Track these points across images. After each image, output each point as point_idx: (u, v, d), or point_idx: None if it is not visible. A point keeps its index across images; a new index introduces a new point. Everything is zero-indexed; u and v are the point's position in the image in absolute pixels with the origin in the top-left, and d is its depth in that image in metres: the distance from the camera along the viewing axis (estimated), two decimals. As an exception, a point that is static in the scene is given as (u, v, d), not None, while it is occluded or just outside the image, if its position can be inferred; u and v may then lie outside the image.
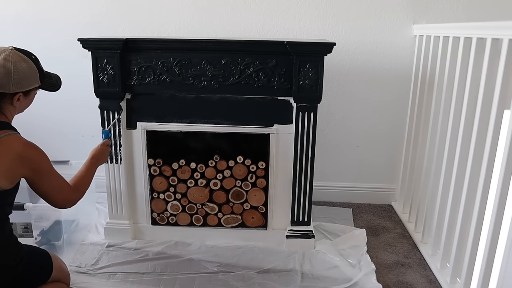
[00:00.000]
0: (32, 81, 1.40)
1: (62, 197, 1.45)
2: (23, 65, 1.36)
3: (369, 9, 2.33)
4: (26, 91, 1.38)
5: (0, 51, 1.35)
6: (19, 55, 1.37)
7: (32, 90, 1.42)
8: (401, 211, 2.45)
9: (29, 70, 1.38)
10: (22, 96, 1.39)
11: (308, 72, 1.84)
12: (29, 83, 1.38)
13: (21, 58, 1.37)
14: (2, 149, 1.30)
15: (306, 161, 1.96)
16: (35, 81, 1.41)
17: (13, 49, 1.38)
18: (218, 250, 2.02)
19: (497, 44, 1.47)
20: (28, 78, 1.38)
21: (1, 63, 1.32)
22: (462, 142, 1.70)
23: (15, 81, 1.33)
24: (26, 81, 1.37)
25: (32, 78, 1.39)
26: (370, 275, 1.83)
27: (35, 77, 1.40)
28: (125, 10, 2.43)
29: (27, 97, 1.42)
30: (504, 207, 1.41)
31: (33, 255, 1.51)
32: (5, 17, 2.50)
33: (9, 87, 1.33)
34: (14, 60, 1.34)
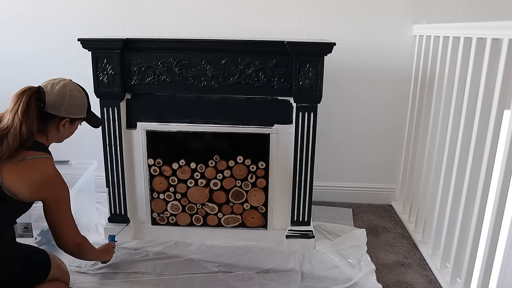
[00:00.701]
0: (80, 111, 1.53)
1: (68, 234, 1.52)
2: (77, 94, 1.51)
3: (369, 9, 2.33)
4: (72, 118, 1.51)
5: (60, 79, 1.50)
6: (75, 85, 1.53)
7: (77, 119, 1.54)
8: (401, 211, 2.45)
9: (81, 100, 1.53)
10: (68, 123, 1.50)
11: (308, 72, 1.84)
12: (78, 112, 1.52)
13: (77, 88, 1.53)
14: (36, 167, 1.39)
15: (306, 161, 1.96)
16: (83, 111, 1.54)
17: (71, 80, 1.54)
18: (218, 250, 2.02)
19: (497, 44, 1.47)
20: (79, 107, 1.52)
21: (60, 87, 1.46)
22: (462, 142, 1.70)
23: (67, 106, 1.46)
24: (76, 109, 1.50)
25: (81, 108, 1.53)
26: (370, 275, 1.83)
27: (84, 108, 1.55)
28: (125, 10, 2.43)
29: (71, 126, 1.54)
30: (504, 207, 1.41)
31: (31, 253, 1.52)
32: (5, 17, 2.50)
33: (60, 111, 1.46)
34: (71, 88, 1.49)
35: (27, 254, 1.50)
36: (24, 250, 1.50)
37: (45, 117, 1.45)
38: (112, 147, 1.98)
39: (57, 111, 1.45)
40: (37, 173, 1.39)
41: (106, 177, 2.02)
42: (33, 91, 1.43)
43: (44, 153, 1.43)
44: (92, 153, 2.43)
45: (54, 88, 1.45)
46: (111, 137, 1.97)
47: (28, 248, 1.54)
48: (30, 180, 1.38)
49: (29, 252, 1.52)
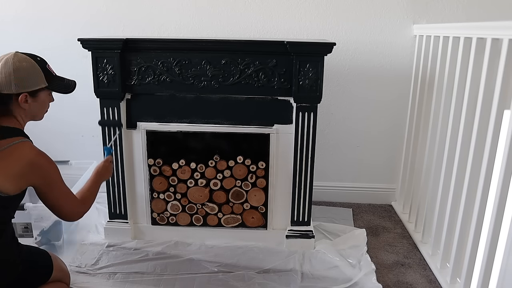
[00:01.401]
0: (35, 81, 1.38)
1: (70, 209, 1.46)
2: (24, 64, 1.36)
3: (369, 9, 2.33)
4: (31, 91, 1.38)
5: (3, 55, 1.37)
6: (21, 56, 1.37)
7: (38, 91, 1.40)
8: (401, 211, 2.45)
9: (31, 70, 1.37)
10: (29, 97, 1.38)
11: (308, 72, 1.84)
12: (32, 82, 1.37)
13: (22, 59, 1.37)
14: (14, 155, 1.31)
15: (306, 161, 1.96)
16: (39, 81, 1.39)
17: (17, 52, 1.38)
18: (218, 250, 2.02)
19: (497, 44, 1.47)
20: (31, 77, 1.37)
21: (2, 65, 1.34)
22: (462, 142, 1.70)
23: (16, 80, 1.34)
24: (29, 80, 1.37)
25: (35, 78, 1.38)
26: (370, 275, 1.83)
27: (39, 77, 1.39)
28: (125, 10, 2.43)
29: (36, 99, 1.41)
30: (504, 207, 1.41)
31: (33, 255, 1.52)
32: (5, 17, 2.50)
33: (11, 87, 1.34)
34: (14, 61, 1.35)
35: (30, 256, 1.49)
36: (26, 251, 1.49)
37: (2, 99, 1.36)
38: (112, 147, 1.98)
39: (9, 89, 1.34)
40: (16, 162, 1.31)
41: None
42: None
43: (17, 138, 1.35)
44: (92, 153, 2.44)
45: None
46: (111, 137, 1.97)
47: (30, 249, 1.53)
48: (11, 171, 1.30)
49: (32, 254, 1.51)
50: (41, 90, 1.41)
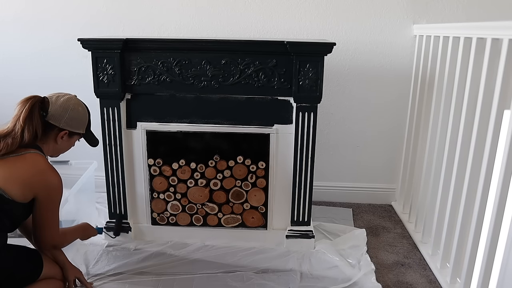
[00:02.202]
0: (80, 126, 1.58)
1: (51, 234, 1.53)
2: (80, 109, 1.57)
3: (369, 9, 2.33)
4: (71, 132, 1.55)
5: (66, 93, 1.57)
6: (79, 101, 1.59)
7: (76, 134, 1.58)
8: (401, 211, 2.45)
9: (82, 115, 1.58)
10: (67, 136, 1.54)
11: (308, 72, 1.84)
12: (77, 126, 1.56)
13: (80, 104, 1.59)
14: (27, 162, 1.42)
15: (306, 161, 1.96)
16: (82, 127, 1.59)
17: (76, 96, 1.60)
18: (218, 250, 2.02)
19: (497, 44, 1.47)
20: (79, 121, 1.57)
21: (65, 100, 1.52)
22: (462, 142, 1.70)
23: (68, 118, 1.52)
24: (77, 123, 1.55)
25: (81, 123, 1.58)
26: (370, 275, 1.83)
27: (84, 124, 1.60)
28: (125, 10, 2.43)
29: (69, 140, 1.57)
30: (504, 207, 1.41)
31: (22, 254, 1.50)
32: (5, 17, 2.50)
33: (61, 122, 1.51)
34: (74, 102, 1.55)
35: (18, 255, 1.48)
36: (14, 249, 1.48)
37: (45, 126, 1.49)
38: (112, 147, 1.98)
39: (58, 122, 1.50)
40: (29, 168, 1.41)
41: (106, 177, 2.02)
42: (38, 99, 1.48)
43: (37, 150, 1.46)
44: (92, 153, 2.43)
45: (59, 100, 1.51)
46: (111, 137, 1.97)
47: (18, 249, 1.52)
48: (21, 176, 1.39)
49: (20, 253, 1.50)
50: (77, 134, 1.60)
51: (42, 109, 1.48)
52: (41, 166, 1.44)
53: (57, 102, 1.51)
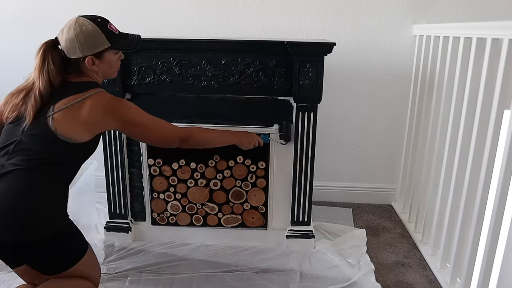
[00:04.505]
0: (97, 43, 1.41)
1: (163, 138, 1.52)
2: (84, 28, 1.39)
3: (369, 9, 2.33)
4: (96, 53, 1.42)
5: (69, 21, 1.42)
6: (82, 20, 1.41)
7: (103, 52, 1.43)
8: (401, 211, 2.45)
9: (92, 32, 1.40)
10: (96, 59, 1.42)
11: (308, 72, 1.84)
12: (95, 45, 1.41)
13: (83, 23, 1.40)
14: (87, 106, 1.36)
15: (306, 161, 1.96)
16: (101, 42, 1.42)
17: (79, 17, 1.42)
18: (218, 250, 2.02)
19: (497, 44, 1.47)
20: (92, 40, 1.40)
21: (66, 31, 1.40)
22: (462, 142, 1.70)
23: (80, 44, 1.39)
24: (91, 43, 1.40)
25: (97, 40, 1.41)
26: (369, 275, 1.83)
27: (101, 38, 1.41)
28: (125, 10, 2.43)
29: (102, 60, 1.44)
30: (504, 207, 1.41)
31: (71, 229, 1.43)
32: (5, 16, 2.50)
33: (76, 52, 1.39)
34: (75, 26, 1.39)
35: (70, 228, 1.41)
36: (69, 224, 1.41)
37: (73, 63, 1.42)
38: (112, 147, 1.98)
39: (76, 53, 1.40)
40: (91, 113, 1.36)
41: (106, 177, 2.02)
42: (48, 43, 1.41)
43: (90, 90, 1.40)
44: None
45: (63, 34, 1.40)
46: (111, 137, 1.97)
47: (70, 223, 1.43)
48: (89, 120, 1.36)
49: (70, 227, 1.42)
50: (105, 51, 1.44)
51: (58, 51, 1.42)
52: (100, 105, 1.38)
53: (62, 36, 1.40)
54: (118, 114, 1.43)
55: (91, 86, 1.43)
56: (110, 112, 1.41)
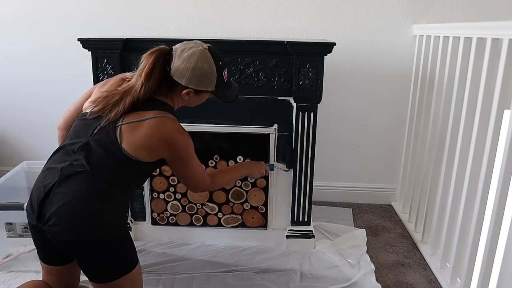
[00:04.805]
0: (206, 84, 1.39)
1: (192, 184, 1.48)
2: (205, 66, 1.36)
3: (369, 9, 2.33)
4: (197, 90, 1.39)
5: (193, 45, 1.37)
6: (206, 55, 1.37)
7: (204, 91, 1.42)
8: (401, 211, 2.45)
9: (208, 74, 1.38)
10: (192, 92, 1.39)
11: (308, 72, 1.84)
12: (202, 84, 1.38)
13: (206, 59, 1.36)
14: (152, 127, 1.31)
15: (306, 161, 1.96)
16: (209, 85, 1.40)
17: (207, 48, 1.38)
18: (218, 250, 2.02)
19: (497, 44, 1.47)
20: (204, 80, 1.38)
21: (187, 55, 1.34)
22: (462, 142, 1.70)
23: (191, 76, 1.35)
24: (200, 82, 1.38)
25: (207, 82, 1.39)
26: (369, 275, 1.83)
27: (211, 82, 1.40)
28: (125, 10, 2.43)
29: (198, 96, 1.43)
30: (504, 207, 1.41)
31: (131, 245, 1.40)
32: (5, 16, 2.50)
33: (182, 79, 1.35)
34: (200, 58, 1.35)
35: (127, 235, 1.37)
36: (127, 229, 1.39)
37: (170, 81, 1.36)
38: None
39: (180, 79, 1.35)
40: (151, 134, 1.31)
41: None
42: (162, 52, 1.35)
43: (165, 112, 1.35)
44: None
45: (183, 55, 1.34)
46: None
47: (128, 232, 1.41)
48: (145, 142, 1.31)
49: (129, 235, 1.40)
50: (206, 91, 1.42)
51: (167, 63, 1.35)
52: (163, 132, 1.33)
53: (180, 56, 1.34)
54: (176, 147, 1.36)
55: (167, 109, 1.38)
56: (169, 141, 1.34)
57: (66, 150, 1.34)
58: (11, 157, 2.71)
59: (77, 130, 1.36)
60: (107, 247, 1.30)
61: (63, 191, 1.26)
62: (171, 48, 1.37)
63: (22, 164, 2.22)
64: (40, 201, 1.27)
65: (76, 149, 1.31)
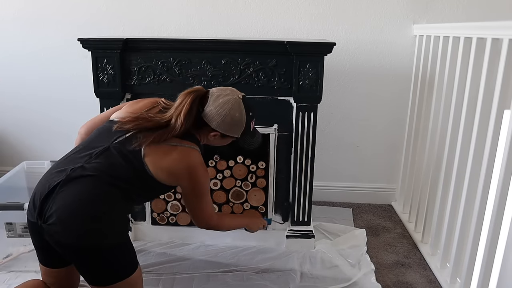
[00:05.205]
0: (233, 131, 1.46)
1: (202, 217, 1.50)
2: (237, 115, 1.43)
3: (369, 9, 2.33)
4: (223, 134, 1.46)
5: (229, 92, 1.44)
6: (240, 104, 1.44)
7: (229, 137, 1.48)
8: (401, 211, 2.45)
9: (238, 122, 1.44)
10: (219, 135, 1.46)
11: (308, 72, 1.84)
12: (230, 130, 1.45)
13: (239, 109, 1.43)
14: (178, 154, 1.36)
15: (306, 161, 1.96)
16: (236, 132, 1.47)
17: (241, 98, 1.45)
18: (218, 250, 2.02)
19: (497, 44, 1.47)
20: (233, 127, 1.45)
21: (223, 102, 1.41)
22: (462, 142, 1.70)
23: (221, 122, 1.42)
24: (229, 128, 1.44)
25: (235, 129, 1.46)
26: (369, 275, 1.83)
27: (239, 131, 1.47)
28: (125, 9, 2.43)
29: (223, 139, 1.49)
30: (504, 207, 1.41)
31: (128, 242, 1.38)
32: (5, 16, 2.50)
33: (212, 123, 1.42)
34: (233, 107, 1.42)
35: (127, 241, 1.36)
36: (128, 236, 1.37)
37: (199, 120, 1.42)
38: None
39: (210, 122, 1.42)
40: (178, 161, 1.36)
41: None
42: (200, 94, 1.42)
43: (191, 143, 1.40)
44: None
45: (217, 100, 1.41)
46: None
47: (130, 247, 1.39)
48: (169, 166, 1.35)
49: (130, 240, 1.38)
50: (231, 137, 1.49)
51: (201, 104, 1.42)
52: (189, 162, 1.37)
53: (215, 101, 1.41)
54: (196, 179, 1.40)
55: (196, 142, 1.44)
56: (191, 172, 1.38)
57: (82, 151, 1.35)
58: (11, 157, 2.72)
59: (99, 134, 1.40)
60: (107, 252, 1.29)
61: (68, 191, 1.26)
62: (208, 91, 1.44)
63: (22, 164, 2.22)
64: (43, 199, 1.26)
65: (94, 153, 1.32)
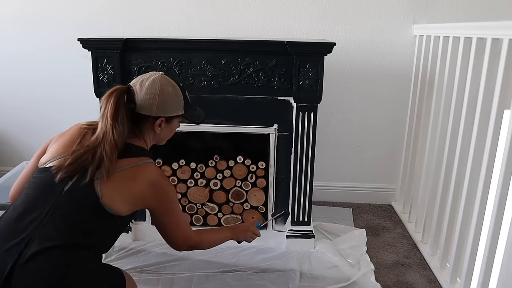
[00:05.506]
0: (175, 108, 1.34)
1: (180, 235, 1.38)
2: (170, 89, 1.31)
3: (369, 9, 2.33)
4: (168, 117, 1.33)
5: (150, 74, 1.32)
6: (166, 79, 1.32)
7: (174, 117, 1.35)
8: (401, 211, 2.45)
9: (175, 95, 1.33)
10: (164, 122, 1.32)
11: (308, 72, 1.84)
12: (172, 108, 1.33)
13: (169, 83, 1.32)
14: (137, 176, 1.23)
15: (306, 161, 1.96)
16: (178, 108, 1.34)
17: (163, 74, 1.34)
18: (218, 250, 2.02)
19: (497, 44, 1.47)
20: (173, 103, 1.33)
21: (150, 84, 1.29)
22: (462, 142, 1.70)
23: (159, 104, 1.29)
24: (170, 106, 1.32)
25: (176, 104, 1.34)
26: (369, 275, 1.83)
27: (179, 104, 1.34)
28: (125, 9, 2.43)
29: (169, 125, 1.36)
30: (504, 207, 1.41)
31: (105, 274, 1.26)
32: (5, 16, 2.50)
33: (152, 110, 1.28)
34: (162, 83, 1.30)
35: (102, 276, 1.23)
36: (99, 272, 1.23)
37: (137, 119, 1.29)
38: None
39: (149, 111, 1.28)
40: (138, 183, 1.22)
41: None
42: (121, 90, 1.27)
43: (143, 158, 1.27)
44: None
45: (143, 86, 1.28)
46: None
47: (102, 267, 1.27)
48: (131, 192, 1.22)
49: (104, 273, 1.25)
50: (176, 117, 1.36)
51: (129, 101, 1.27)
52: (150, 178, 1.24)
53: (142, 87, 1.28)
54: (163, 192, 1.28)
55: (143, 153, 1.30)
56: (156, 187, 1.25)
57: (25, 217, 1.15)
58: (11, 157, 2.72)
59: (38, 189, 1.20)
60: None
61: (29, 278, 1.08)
62: (128, 85, 1.31)
63: (22, 164, 2.22)
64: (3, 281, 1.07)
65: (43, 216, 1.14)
